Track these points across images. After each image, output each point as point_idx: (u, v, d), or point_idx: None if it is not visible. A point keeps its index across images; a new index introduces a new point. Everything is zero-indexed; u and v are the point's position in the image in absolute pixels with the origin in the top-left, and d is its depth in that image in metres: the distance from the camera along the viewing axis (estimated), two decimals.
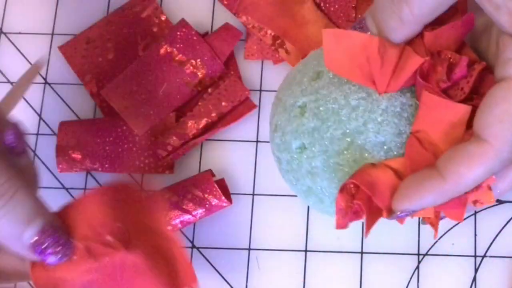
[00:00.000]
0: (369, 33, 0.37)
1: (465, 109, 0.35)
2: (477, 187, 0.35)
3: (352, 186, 0.36)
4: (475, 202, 0.37)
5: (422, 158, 0.36)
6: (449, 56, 0.36)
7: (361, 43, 0.36)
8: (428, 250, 0.46)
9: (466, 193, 0.36)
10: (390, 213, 0.36)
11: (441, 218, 0.38)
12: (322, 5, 0.49)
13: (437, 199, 0.35)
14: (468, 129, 0.35)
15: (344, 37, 0.36)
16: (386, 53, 0.36)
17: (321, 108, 0.38)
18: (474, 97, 0.36)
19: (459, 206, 0.36)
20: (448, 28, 0.36)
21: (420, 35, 0.37)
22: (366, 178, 0.36)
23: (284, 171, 0.41)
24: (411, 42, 0.37)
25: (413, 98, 0.37)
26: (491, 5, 0.34)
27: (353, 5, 0.49)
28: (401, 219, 0.37)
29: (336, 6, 0.49)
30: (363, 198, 0.36)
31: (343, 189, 0.36)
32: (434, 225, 0.37)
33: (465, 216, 0.45)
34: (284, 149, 0.40)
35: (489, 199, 0.36)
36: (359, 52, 0.36)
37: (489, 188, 0.36)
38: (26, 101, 0.50)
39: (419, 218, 0.44)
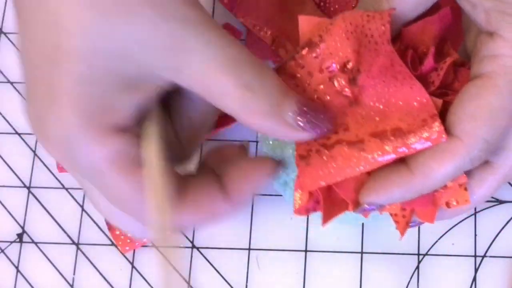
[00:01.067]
0: None
1: (435, 102, 0.34)
2: (446, 186, 0.35)
3: None
4: (448, 203, 0.36)
5: None
6: (420, 48, 0.36)
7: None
8: (428, 250, 0.46)
9: (435, 191, 0.35)
10: (356, 205, 0.35)
11: (413, 224, 0.38)
12: (322, 5, 0.49)
13: (405, 193, 0.34)
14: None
15: (318, 24, 0.36)
16: None
17: None
18: (449, 93, 0.36)
19: (428, 204, 0.36)
20: (423, 24, 0.36)
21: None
22: None
23: None
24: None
25: None
26: (468, 4, 0.34)
27: (353, 5, 0.49)
28: (366, 213, 0.37)
29: (336, 6, 0.49)
30: (323, 188, 0.36)
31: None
32: (400, 224, 0.37)
33: (464, 217, 0.46)
34: (263, 142, 0.41)
35: (464, 198, 0.35)
36: None
37: (464, 188, 0.35)
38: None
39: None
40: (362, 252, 0.46)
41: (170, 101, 0.34)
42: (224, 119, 0.48)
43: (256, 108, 0.31)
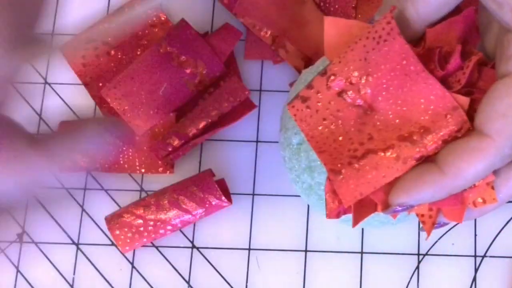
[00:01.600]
0: None
1: (463, 100, 0.35)
2: (474, 185, 0.35)
3: None
4: (474, 202, 0.36)
5: None
6: (444, 48, 0.36)
7: (360, 30, 0.36)
8: (428, 250, 0.46)
9: (464, 190, 0.35)
10: (386, 206, 0.35)
11: (439, 224, 0.38)
12: (322, 5, 0.49)
13: (436, 193, 0.34)
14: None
15: (344, 25, 0.36)
16: None
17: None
18: (474, 91, 0.36)
19: (456, 203, 0.36)
20: (448, 24, 0.36)
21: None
22: None
23: (288, 169, 0.41)
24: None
25: None
26: (494, 3, 0.34)
27: (353, 5, 0.49)
28: (395, 214, 0.37)
29: (336, 6, 0.49)
30: None
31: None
32: (426, 224, 0.37)
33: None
34: (286, 146, 0.40)
35: (491, 197, 0.36)
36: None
37: (491, 186, 0.35)
38: (26, 101, 0.50)
39: (418, 221, 0.44)
40: (362, 252, 0.46)
41: None
42: (224, 119, 0.48)
43: None
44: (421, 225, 0.37)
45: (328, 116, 0.36)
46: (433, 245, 0.46)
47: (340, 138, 0.36)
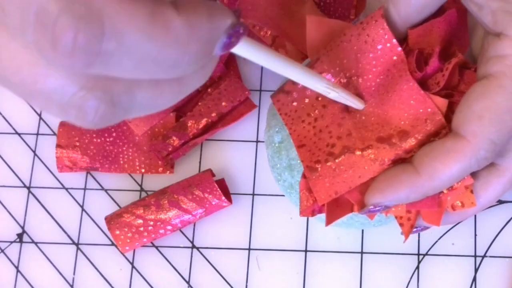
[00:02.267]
0: None
1: (441, 102, 0.34)
2: (452, 188, 0.35)
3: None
4: (453, 206, 0.36)
5: None
6: (426, 50, 0.36)
7: (341, 30, 0.36)
8: (428, 250, 0.46)
9: (441, 192, 0.35)
10: (362, 206, 0.35)
11: (417, 228, 0.38)
12: (322, 5, 0.49)
13: (411, 194, 0.34)
14: (449, 125, 0.35)
15: (326, 24, 0.36)
16: None
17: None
18: (454, 93, 0.36)
19: (434, 206, 0.35)
20: (429, 25, 0.36)
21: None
22: None
23: (270, 168, 0.42)
24: None
25: None
26: (475, 6, 0.34)
27: (353, 5, 0.49)
28: (372, 215, 0.36)
29: (336, 6, 0.49)
30: None
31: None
32: (404, 227, 0.36)
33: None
34: (269, 144, 0.41)
35: (469, 201, 0.35)
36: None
37: (470, 190, 0.35)
38: (26, 101, 0.50)
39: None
40: (362, 252, 0.46)
41: None
42: (224, 119, 0.48)
43: None
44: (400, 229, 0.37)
45: (313, 111, 0.36)
46: (433, 245, 0.46)
47: (320, 131, 0.36)
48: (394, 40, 0.35)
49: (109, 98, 0.24)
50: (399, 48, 0.35)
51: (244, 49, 0.27)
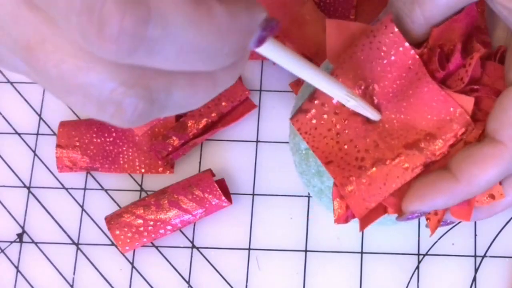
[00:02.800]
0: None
1: (467, 100, 0.34)
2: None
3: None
4: (481, 200, 0.36)
5: None
6: (444, 46, 0.36)
7: (362, 33, 0.36)
8: (428, 250, 0.46)
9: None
10: (399, 213, 0.36)
11: (445, 222, 0.38)
12: (322, 5, 0.49)
13: (449, 200, 0.35)
14: (476, 123, 0.35)
15: (346, 27, 0.36)
16: None
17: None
18: (479, 88, 0.36)
19: (466, 204, 0.36)
20: (450, 22, 0.36)
21: None
22: None
23: (299, 174, 0.41)
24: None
25: None
26: (505, 9, 0.34)
27: (353, 5, 0.49)
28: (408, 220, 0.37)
29: (336, 6, 0.49)
30: None
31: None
32: (431, 221, 0.37)
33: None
34: (295, 151, 0.40)
35: (498, 193, 0.35)
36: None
37: (498, 182, 0.35)
38: (26, 101, 0.50)
39: (419, 219, 0.44)
40: (362, 252, 0.46)
41: None
42: (224, 119, 0.48)
43: None
44: (426, 222, 0.37)
45: (334, 126, 0.36)
46: (433, 245, 0.46)
47: (346, 147, 0.36)
48: (407, 44, 0.35)
49: (148, 95, 0.24)
50: (412, 51, 0.35)
51: (270, 48, 0.27)
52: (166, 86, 0.24)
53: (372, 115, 0.35)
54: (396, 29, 0.35)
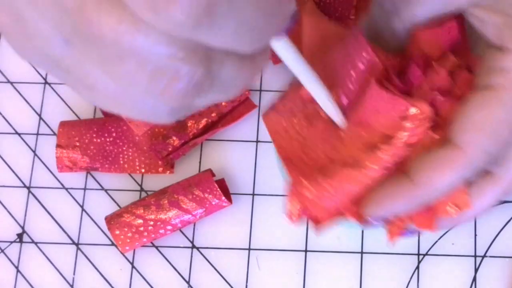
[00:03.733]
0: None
1: (422, 105, 0.34)
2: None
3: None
4: (446, 209, 0.35)
5: None
6: (420, 59, 0.36)
7: (338, 34, 0.36)
8: (428, 250, 0.46)
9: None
10: (357, 217, 0.35)
11: (408, 233, 0.37)
12: (322, 5, 0.49)
13: (408, 204, 0.34)
14: (436, 129, 0.34)
15: (323, 27, 0.36)
16: None
17: None
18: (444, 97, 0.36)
19: (427, 212, 0.35)
20: (436, 33, 0.36)
21: None
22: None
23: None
24: None
25: None
26: (477, 20, 0.35)
27: (353, 5, 0.49)
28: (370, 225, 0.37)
29: (336, 6, 0.49)
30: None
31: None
32: (391, 230, 0.36)
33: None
34: (286, 177, 0.40)
35: (463, 202, 0.35)
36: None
37: (464, 192, 0.35)
38: (26, 101, 0.50)
39: None
40: (362, 252, 0.46)
41: None
42: (224, 119, 0.48)
43: None
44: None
45: (302, 128, 0.36)
46: (433, 245, 0.46)
47: (309, 149, 0.36)
48: (369, 49, 0.35)
49: (206, 63, 0.23)
50: (370, 55, 0.35)
51: (284, 44, 0.29)
52: (220, 59, 0.24)
53: (341, 120, 0.35)
54: (362, 36, 0.35)
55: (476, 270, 0.45)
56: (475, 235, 0.46)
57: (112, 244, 0.47)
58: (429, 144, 0.34)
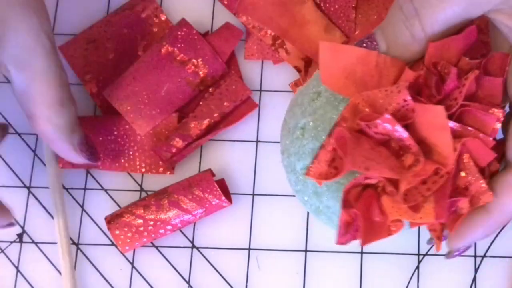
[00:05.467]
0: (377, 48, 0.37)
1: (437, 108, 0.34)
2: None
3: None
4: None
5: None
6: (440, 68, 0.36)
7: (358, 58, 0.35)
8: (428, 250, 0.46)
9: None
10: (449, 254, 0.39)
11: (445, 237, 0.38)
12: (322, 5, 0.49)
13: (486, 231, 0.37)
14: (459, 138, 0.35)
15: (340, 51, 0.35)
16: (386, 69, 0.36)
17: (318, 129, 0.38)
18: (470, 104, 0.36)
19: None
20: (449, 41, 0.36)
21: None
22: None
23: (295, 191, 0.41)
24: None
25: None
26: (506, 28, 0.36)
27: (353, 5, 0.49)
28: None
29: (336, 6, 0.49)
30: (362, 209, 0.36)
31: (345, 204, 0.35)
32: (439, 238, 0.37)
33: None
34: (291, 171, 0.40)
35: (488, 197, 0.36)
36: (356, 67, 0.35)
37: (486, 189, 0.36)
38: None
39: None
40: (362, 252, 0.46)
41: None
42: (227, 119, 0.48)
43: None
44: (429, 237, 0.39)
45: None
46: (433, 245, 0.46)
47: None
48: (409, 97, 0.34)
49: None
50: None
51: None
52: None
53: None
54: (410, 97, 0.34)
55: (476, 270, 0.46)
56: None
57: (112, 244, 0.47)
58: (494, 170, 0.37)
